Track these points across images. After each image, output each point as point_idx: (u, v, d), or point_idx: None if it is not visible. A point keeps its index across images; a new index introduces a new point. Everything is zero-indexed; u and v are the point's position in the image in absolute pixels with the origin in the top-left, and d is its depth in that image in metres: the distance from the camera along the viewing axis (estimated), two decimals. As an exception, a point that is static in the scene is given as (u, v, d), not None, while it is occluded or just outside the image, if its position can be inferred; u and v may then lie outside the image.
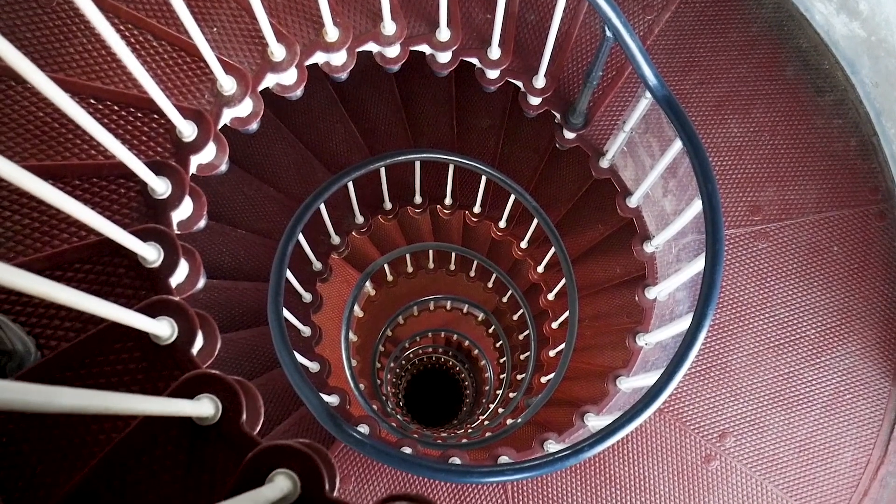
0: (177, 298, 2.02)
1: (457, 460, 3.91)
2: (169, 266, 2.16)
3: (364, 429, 3.97)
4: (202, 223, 2.67)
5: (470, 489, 3.78)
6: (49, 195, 1.38)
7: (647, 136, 3.65)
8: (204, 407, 1.66)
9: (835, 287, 3.85)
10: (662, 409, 3.79)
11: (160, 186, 2.33)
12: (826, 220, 3.89)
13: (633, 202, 3.95)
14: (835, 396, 3.77)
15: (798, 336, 3.81)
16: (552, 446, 3.95)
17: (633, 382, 3.78)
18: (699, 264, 2.94)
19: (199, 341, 2.06)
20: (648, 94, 3.12)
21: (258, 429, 1.86)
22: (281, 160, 5.43)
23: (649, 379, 3.05)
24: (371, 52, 3.53)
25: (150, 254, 2.12)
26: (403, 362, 10.65)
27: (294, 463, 1.48)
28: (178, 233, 2.53)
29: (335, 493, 1.50)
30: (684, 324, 2.78)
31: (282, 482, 1.43)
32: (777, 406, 3.77)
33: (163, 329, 1.92)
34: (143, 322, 1.73)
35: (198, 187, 2.62)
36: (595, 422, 3.90)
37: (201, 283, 2.49)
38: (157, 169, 2.33)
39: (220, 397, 1.71)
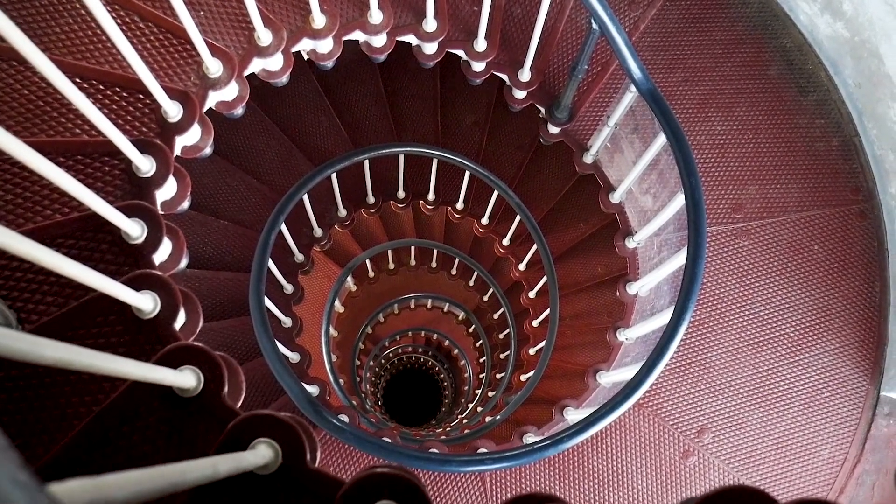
0: (160, 273, 2.02)
1: (435, 451, 3.91)
2: (152, 242, 2.16)
3: (344, 418, 3.96)
4: (186, 204, 2.66)
5: (448, 482, 3.78)
6: (42, 166, 1.38)
7: (630, 132, 3.67)
8: (186, 378, 1.65)
9: (815, 286, 3.87)
10: (641, 403, 3.80)
11: (145, 164, 2.33)
12: (807, 218, 3.91)
13: (615, 198, 3.97)
14: (813, 394, 3.79)
15: (777, 334, 3.83)
16: (531, 439, 3.95)
17: (613, 377, 3.79)
18: (681, 258, 2.95)
19: (181, 317, 2.06)
20: (633, 88, 3.14)
21: (239, 404, 1.86)
22: (265, 152, 5.43)
23: (629, 373, 3.05)
24: (357, 42, 3.53)
25: (134, 230, 2.11)
26: (383, 361, 10.65)
27: (276, 433, 1.48)
28: (162, 213, 2.53)
29: (315, 465, 1.50)
30: (665, 318, 2.79)
31: (263, 450, 1.43)
32: (755, 403, 3.79)
33: (146, 302, 1.91)
34: (126, 294, 1.72)
35: (182, 168, 2.61)
36: (574, 415, 3.92)
37: (184, 262, 2.48)
38: (142, 147, 2.33)
39: (202, 369, 1.71)
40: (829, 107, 4.00)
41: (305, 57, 5.04)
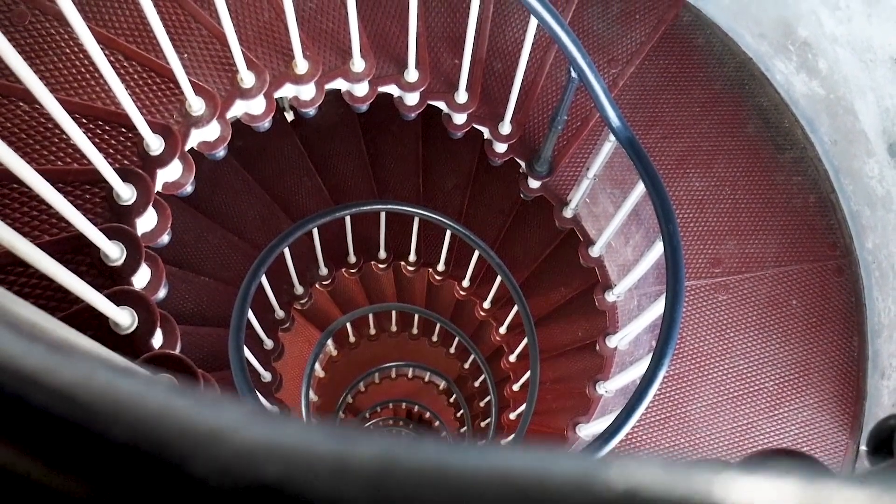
0: (138, 290, 2.02)
1: None
2: (131, 265, 2.16)
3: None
4: (166, 238, 2.66)
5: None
6: (38, 184, 1.40)
7: (609, 184, 3.71)
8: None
9: (793, 340, 3.88)
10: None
11: (126, 192, 2.34)
12: (785, 273, 3.94)
13: (595, 251, 3.99)
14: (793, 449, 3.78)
15: (757, 388, 3.83)
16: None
17: (593, 429, 3.77)
18: (660, 306, 2.96)
19: (158, 336, 2.05)
20: (612, 137, 3.17)
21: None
22: (247, 211, 5.44)
23: (609, 421, 3.04)
24: (341, 102, 3.59)
25: (114, 251, 2.12)
26: (364, 436, 10.52)
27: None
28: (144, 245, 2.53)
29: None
30: (644, 365, 2.79)
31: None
32: (736, 457, 3.76)
33: (124, 318, 1.91)
34: (105, 306, 1.72)
35: (162, 201, 2.62)
36: (554, 469, 3.88)
37: (163, 292, 2.48)
38: (123, 176, 2.34)
39: (177, 378, 1.70)
40: (806, 164, 4.06)
41: (290, 118, 5.13)
